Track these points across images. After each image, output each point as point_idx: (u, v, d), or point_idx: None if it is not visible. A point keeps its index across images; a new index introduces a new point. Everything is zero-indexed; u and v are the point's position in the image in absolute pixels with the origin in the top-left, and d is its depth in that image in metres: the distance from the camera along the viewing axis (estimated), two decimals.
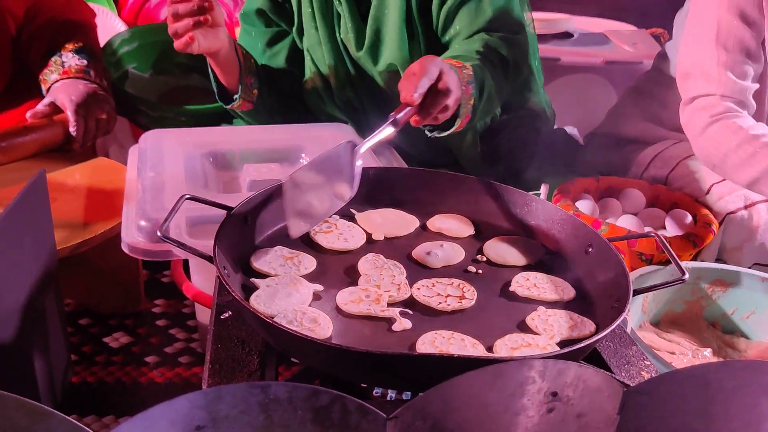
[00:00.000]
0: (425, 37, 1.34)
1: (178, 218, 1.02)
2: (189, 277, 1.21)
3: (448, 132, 1.17)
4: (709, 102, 1.34)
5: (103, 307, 1.38)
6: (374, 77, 1.40)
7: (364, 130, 1.43)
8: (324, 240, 0.92)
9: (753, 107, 1.36)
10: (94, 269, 1.31)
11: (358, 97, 1.43)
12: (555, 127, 1.66)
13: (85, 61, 1.48)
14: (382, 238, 0.95)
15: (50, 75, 1.46)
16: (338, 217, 0.97)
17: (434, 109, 1.01)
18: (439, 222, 0.98)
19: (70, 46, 1.49)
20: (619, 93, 1.92)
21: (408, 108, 0.97)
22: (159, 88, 1.83)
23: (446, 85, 1.00)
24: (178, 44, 1.19)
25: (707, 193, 1.38)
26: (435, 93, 1.00)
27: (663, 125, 1.58)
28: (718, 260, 1.34)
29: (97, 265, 1.30)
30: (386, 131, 0.95)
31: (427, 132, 1.20)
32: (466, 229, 0.97)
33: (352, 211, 0.99)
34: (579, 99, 1.91)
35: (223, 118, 1.60)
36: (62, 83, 1.43)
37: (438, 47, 1.36)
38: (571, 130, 1.82)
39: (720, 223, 1.32)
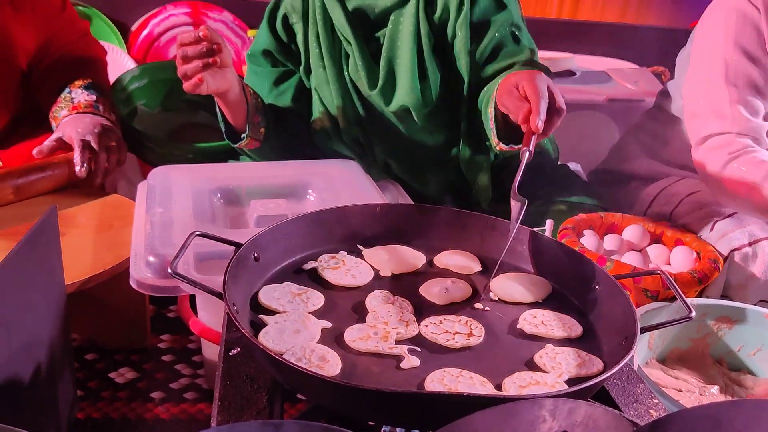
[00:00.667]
0: (435, 76, 1.37)
1: (185, 254, 1.02)
2: (195, 313, 1.21)
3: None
4: (725, 140, 1.36)
5: (110, 342, 1.38)
6: (383, 115, 1.42)
7: (370, 167, 1.44)
8: (332, 276, 0.92)
9: (766, 144, 1.38)
10: (101, 304, 1.31)
11: (366, 135, 1.45)
12: (559, 163, 1.67)
13: (94, 96, 1.50)
14: (389, 274, 0.95)
15: (60, 111, 1.48)
16: (346, 253, 0.98)
17: (550, 129, 1.04)
18: (446, 258, 0.99)
19: (79, 83, 1.52)
20: (622, 130, 1.94)
21: (534, 135, 1.01)
22: (167, 124, 1.85)
23: (560, 104, 1.04)
24: (187, 86, 1.21)
25: (711, 230, 1.39)
26: (551, 113, 1.03)
27: (666, 162, 1.60)
28: (723, 297, 1.34)
29: (104, 301, 1.30)
30: (525, 162, 0.99)
31: (498, 148, 1.26)
32: (473, 266, 0.98)
33: (359, 247, 1.00)
34: (582, 136, 1.93)
35: (230, 154, 1.62)
36: (70, 118, 1.45)
37: (447, 87, 1.39)
38: (574, 166, 1.83)
39: (724, 260, 1.32)
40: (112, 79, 1.74)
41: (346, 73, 1.42)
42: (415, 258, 0.99)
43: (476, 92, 1.37)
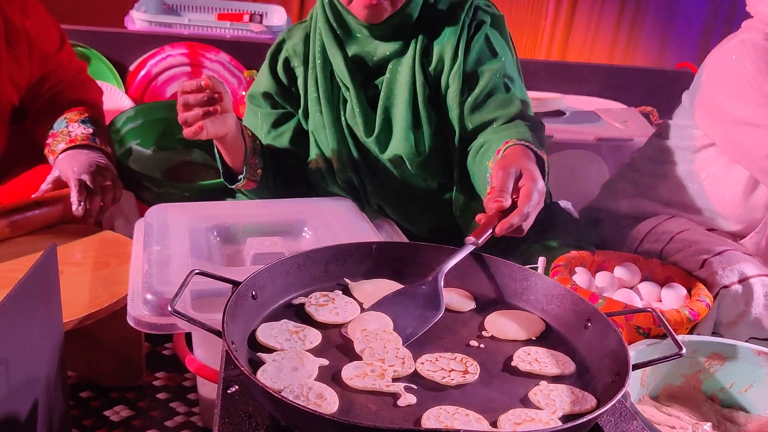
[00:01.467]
0: (429, 126, 1.40)
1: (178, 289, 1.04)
2: (191, 350, 1.22)
3: None
4: None
5: (105, 380, 1.38)
6: (378, 160, 1.45)
7: (364, 208, 1.46)
8: (315, 312, 0.93)
9: None
10: (97, 342, 1.31)
11: (360, 178, 1.47)
12: (550, 201, 1.70)
13: (90, 129, 1.52)
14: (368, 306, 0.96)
15: (57, 145, 1.50)
16: (340, 292, 0.99)
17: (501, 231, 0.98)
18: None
19: (76, 116, 1.54)
20: (611, 169, 1.97)
21: (486, 224, 0.97)
22: (162, 163, 1.87)
23: (526, 227, 1.00)
24: (187, 132, 1.23)
25: (701, 267, 1.41)
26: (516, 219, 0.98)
27: (656, 201, 1.62)
28: (714, 334, 1.36)
29: (100, 338, 1.31)
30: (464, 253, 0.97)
31: None
32: (468, 304, 0.99)
33: (346, 280, 1.01)
34: (572, 174, 1.97)
35: (226, 192, 1.63)
36: (65, 155, 1.47)
37: (439, 136, 1.41)
38: (565, 204, 1.86)
39: (714, 297, 1.34)
40: (109, 118, 1.77)
41: (343, 119, 1.44)
42: None
43: (468, 141, 1.39)
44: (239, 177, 1.41)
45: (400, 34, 1.39)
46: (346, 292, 1.00)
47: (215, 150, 1.40)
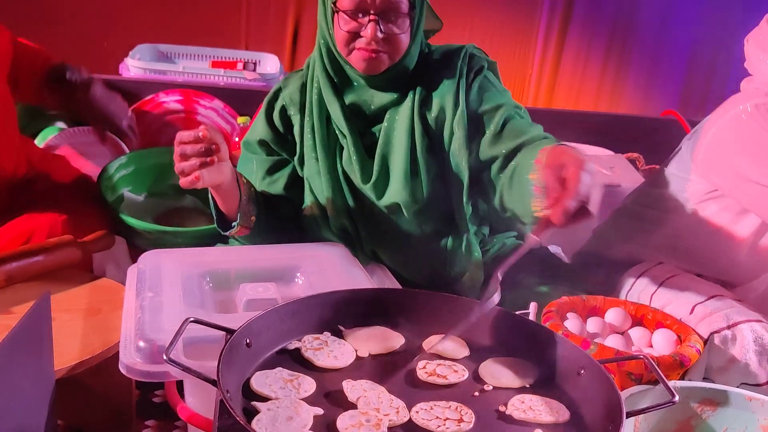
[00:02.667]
0: (427, 175, 1.41)
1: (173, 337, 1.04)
2: (183, 398, 1.20)
3: None
4: None
5: (95, 428, 1.35)
6: (374, 207, 1.46)
7: (358, 255, 1.47)
8: (314, 357, 0.94)
9: None
10: (87, 390, 1.29)
11: (354, 225, 1.48)
12: (540, 246, 1.71)
13: None
14: (367, 354, 0.97)
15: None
16: (329, 334, 1.00)
17: (566, 224, 0.95)
18: (434, 343, 1.01)
19: None
20: (599, 214, 1.99)
21: (549, 226, 0.95)
22: (154, 209, 1.87)
23: (592, 207, 0.95)
24: (183, 182, 1.24)
25: (691, 313, 1.42)
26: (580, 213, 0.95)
27: (648, 247, 1.64)
28: (705, 379, 1.36)
29: (90, 386, 1.29)
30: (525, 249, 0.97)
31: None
32: (462, 351, 1.00)
33: (341, 328, 1.01)
34: None
35: (219, 237, 1.64)
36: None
37: (437, 184, 1.42)
38: (555, 249, 1.87)
39: (704, 343, 1.35)
40: (102, 166, 1.79)
41: (339, 165, 1.45)
42: (393, 338, 1.01)
43: (475, 185, 1.41)
44: (233, 224, 1.41)
45: (397, 84, 1.42)
46: (335, 332, 1.00)
47: (209, 196, 1.40)
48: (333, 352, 0.96)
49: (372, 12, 1.31)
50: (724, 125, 1.53)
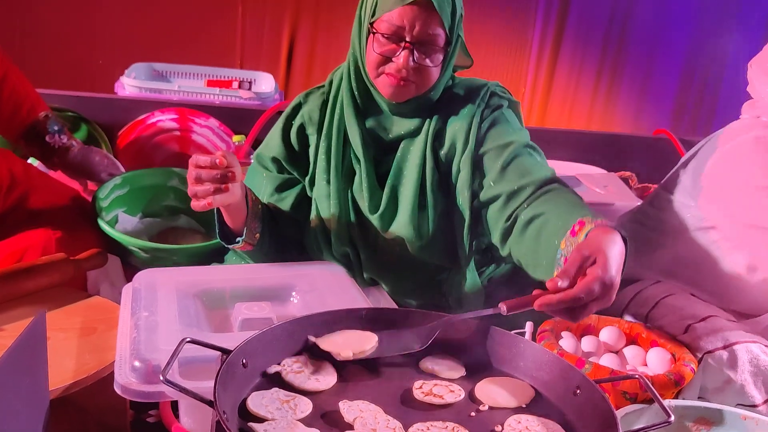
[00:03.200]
0: (434, 210, 1.40)
1: (168, 358, 1.03)
2: (177, 418, 1.20)
3: None
4: None
5: None
6: (378, 237, 1.44)
7: (357, 280, 1.46)
8: (295, 380, 0.94)
9: None
10: (81, 409, 1.28)
11: (356, 251, 1.47)
12: None
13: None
14: (350, 355, 0.97)
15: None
16: (308, 356, 1.00)
17: (567, 317, 0.93)
18: (430, 363, 1.01)
19: None
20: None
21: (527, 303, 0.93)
22: (148, 230, 1.87)
23: (585, 313, 0.92)
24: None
25: (685, 332, 1.43)
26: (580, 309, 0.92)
27: (642, 265, 1.65)
28: (700, 399, 1.36)
29: (85, 406, 1.28)
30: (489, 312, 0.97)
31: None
32: (458, 370, 1.00)
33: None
34: None
35: (214, 256, 1.64)
36: None
37: (443, 220, 1.42)
38: None
39: (699, 362, 1.36)
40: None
41: (349, 191, 1.44)
42: (367, 337, 1.01)
43: (479, 223, 1.39)
44: (237, 239, 1.40)
45: (418, 114, 1.41)
46: (312, 355, 1.00)
47: (215, 210, 1.38)
48: (314, 374, 0.96)
49: (408, 40, 1.29)
50: (724, 157, 1.54)
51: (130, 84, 2.37)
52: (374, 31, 1.32)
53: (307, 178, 1.49)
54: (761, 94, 1.55)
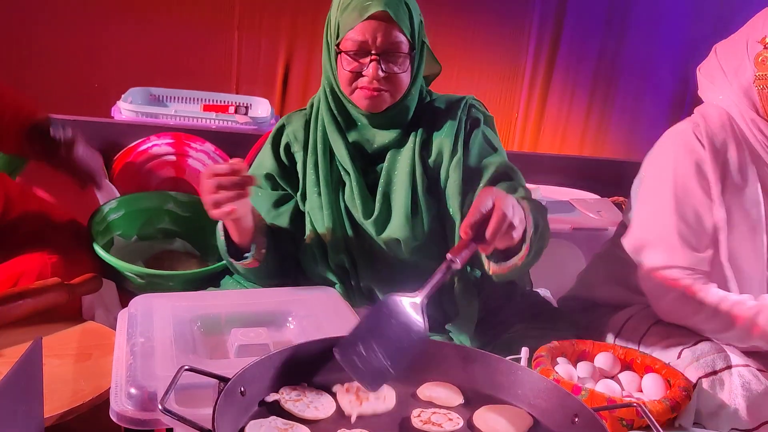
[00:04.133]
0: (428, 213, 1.46)
1: (165, 385, 1.03)
2: None
3: (509, 263, 1.27)
4: (673, 275, 1.46)
5: None
6: (373, 243, 1.49)
7: (352, 293, 1.47)
8: (294, 408, 0.94)
9: (708, 275, 1.47)
10: None
11: (352, 260, 1.50)
12: (530, 289, 1.73)
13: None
14: (354, 418, 0.95)
15: None
16: (306, 385, 1.00)
17: (490, 245, 1.06)
18: (428, 390, 1.01)
19: None
20: (588, 258, 2.02)
21: (462, 242, 1.03)
22: (143, 253, 1.87)
23: (500, 211, 1.04)
24: (218, 214, 1.26)
25: (678, 357, 1.43)
26: (494, 221, 1.05)
27: (632, 290, 1.66)
28: (696, 425, 1.36)
29: None
30: (444, 272, 1.01)
31: (489, 267, 1.31)
32: (456, 398, 1.00)
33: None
34: (550, 263, 1.99)
35: (210, 281, 1.64)
36: None
37: (435, 223, 1.47)
38: (544, 292, 1.89)
39: (693, 387, 1.36)
40: (92, 208, 1.79)
41: (341, 201, 1.49)
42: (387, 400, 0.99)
43: None
44: (245, 255, 1.42)
45: (397, 124, 1.47)
46: (311, 384, 1.00)
47: (221, 228, 1.41)
48: (313, 402, 0.95)
49: (373, 52, 1.36)
50: (652, 151, 1.61)
51: (126, 108, 2.38)
52: (341, 50, 1.39)
53: (299, 194, 1.53)
54: (707, 97, 1.60)
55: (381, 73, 1.37)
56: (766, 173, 1.51)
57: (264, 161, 1.55)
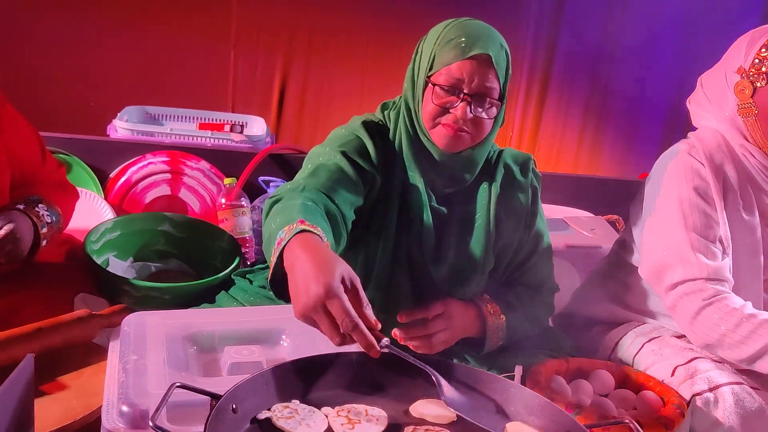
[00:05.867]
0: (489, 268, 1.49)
1: (157, 403, 1.02)
2: None
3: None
4: (696, 286, 1.44)
5: None
6: (423, 285, 1.45)
7: None
8: (286, 425, 0.93)
9: (731, 282, 1.47)
10: None
11: (384, 298, 1.44)
12: None
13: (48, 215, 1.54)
14: None
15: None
16: (298, 402, 0.99)
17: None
18: (421, 407, 1.01)
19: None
20: (582, 276, 2.02)
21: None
22: (139, 273, 1.86)
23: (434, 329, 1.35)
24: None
25: (672, 375, 1.43)
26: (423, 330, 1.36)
27: (626, 307, 1.66)
28: None
29: None
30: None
31: None
32: (448, 416, 0.99)
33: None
34: None
35: (205, 296, 1.64)
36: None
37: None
38: None
39: (687, 405, 1.36)
40: (88, 226, 1.78)
41: (404, 237, 1.44)
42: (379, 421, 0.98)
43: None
44: None
45: (468, 169, 1.44)
46: (303, 401, 0.99)
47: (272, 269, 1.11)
48: (305, 419, 0.95)
49: (466, 92, 1.33)
50: (653, 174, 1.60)
51: (122, 127, 2.38)
52: (433, 83, 1.35)
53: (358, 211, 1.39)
54: (700, 126, 1.61)
55: (469, 115, 1.34)
56: (761, 198, 1.52)
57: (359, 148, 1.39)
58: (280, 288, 1.09)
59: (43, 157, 1.64)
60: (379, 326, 0.96)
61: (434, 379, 0.98)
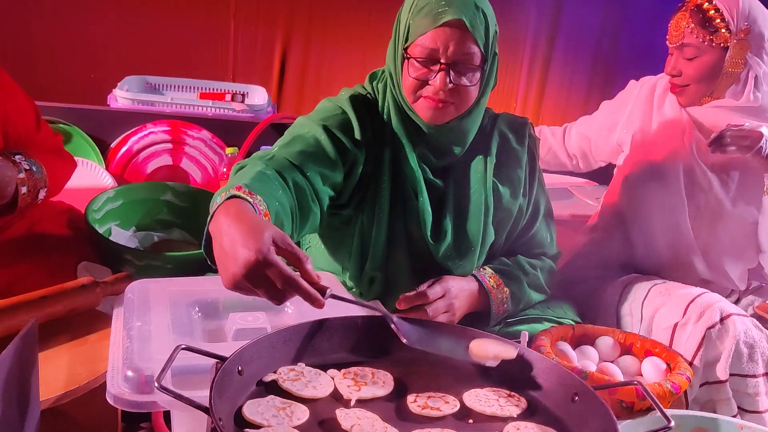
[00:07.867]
0: (489, 242, 1.47)
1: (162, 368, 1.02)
2: (170, 429, 1.18)
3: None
4: None
5: None
6: (425, 262, 1.42)
7: (358, 289, 1.46)
8: (293, 387, 0.93)
9: None
10: (72, 421, 1.27)
11: (385, 275, 1.43)
12: None
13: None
14: (353, 402, 0.94)
15: None
16: (303, 365, 0.99)
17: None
18: (478, 347, 1.01)
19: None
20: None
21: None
22: (141, 243, 1.85)
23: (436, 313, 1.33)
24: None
25: (684, 314, 1.48)
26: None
27: (637, 264, 1.71)
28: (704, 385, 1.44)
29: (76, 417, 1.26)
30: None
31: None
32: (508, 354, 0.99)
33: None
34: None
35: (207, 266, 1.62)
36: None
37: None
38: None
39: (702, 340, 1.42)
40: (89, 196, 1.77)
41: (401, 215, 1.41)
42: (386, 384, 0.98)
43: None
44: None
45: (460, 140, 1.41)
46: (309, 364, 0.99)
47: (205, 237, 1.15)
48: (311, 382, 0.95)
49: (443, 61, 1.28)
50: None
51: (122, 96, 2.36)
52: (408, 56, 1.31)
53: (348, 193, 1.39)
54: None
55: (449, 84, 1.29)
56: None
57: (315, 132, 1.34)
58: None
59: (38, 124, 1.62)
60: (321, 279, 0.95)
61: (392, 326, 1.00)
